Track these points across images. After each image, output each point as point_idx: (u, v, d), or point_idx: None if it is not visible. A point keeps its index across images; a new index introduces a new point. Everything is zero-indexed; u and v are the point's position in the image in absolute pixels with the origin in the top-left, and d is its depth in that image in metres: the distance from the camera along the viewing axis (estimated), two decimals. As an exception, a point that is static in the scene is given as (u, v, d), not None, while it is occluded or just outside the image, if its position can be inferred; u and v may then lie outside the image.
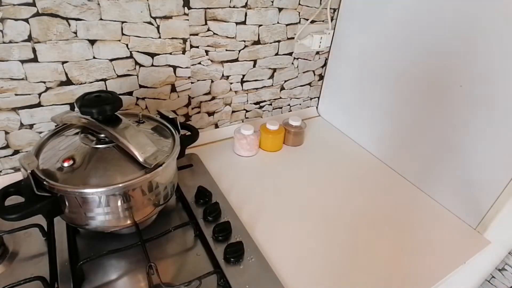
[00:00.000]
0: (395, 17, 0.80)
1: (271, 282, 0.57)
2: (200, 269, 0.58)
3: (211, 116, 0.94)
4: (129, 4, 0.66)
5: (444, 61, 0.71)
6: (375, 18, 0.86)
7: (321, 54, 1.04)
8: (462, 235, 0.72)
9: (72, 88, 0.69)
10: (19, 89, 0.64)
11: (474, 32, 0.65)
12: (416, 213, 0.77)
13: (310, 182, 0.84)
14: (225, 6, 0.78)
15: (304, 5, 0.90)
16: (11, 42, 0.59)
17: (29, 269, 0.56)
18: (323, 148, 0.97)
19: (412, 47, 0.77)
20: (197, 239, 0.64)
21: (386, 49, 0.84)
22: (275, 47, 0.92)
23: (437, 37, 0.72)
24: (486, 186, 0.69)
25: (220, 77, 0.88)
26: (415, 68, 0.78)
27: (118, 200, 0.53)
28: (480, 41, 0.64)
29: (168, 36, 0.74)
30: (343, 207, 0.76)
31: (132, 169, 0.53)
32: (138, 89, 0.77)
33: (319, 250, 0.65)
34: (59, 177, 0.51)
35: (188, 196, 0.73)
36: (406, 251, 0.67)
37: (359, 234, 0.70)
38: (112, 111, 0.55)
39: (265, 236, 0.67)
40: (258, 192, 0.79)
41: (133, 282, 0.56)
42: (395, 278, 0.61)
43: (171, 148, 0.60)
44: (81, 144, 0.55)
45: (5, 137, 0.67)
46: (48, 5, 0.59)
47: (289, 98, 1.07)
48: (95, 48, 0.67)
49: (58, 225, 0.63)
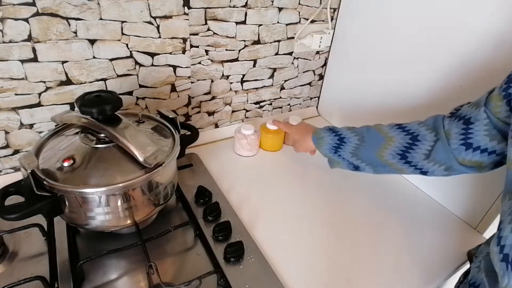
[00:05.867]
0: (395, 16, 0.80)
1: (271, 282, 0.57)
2: (200, 269, 0.58)
3: (211, 116, 0.94)
4: (129, 3, 0.66)
5: (444, 61, 0.71)
6: (375, 18, 0.86)
7: (321, 53, 1.04)
8: (462, 235, 0.72)
9: (72, 87, 0.68)
10: (19, 89, 0.64)
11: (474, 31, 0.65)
12: (416, 213, 0.77)
13: (310, 182, 0.84)
14: (225, 6, 0.78)
15: (304, 5, 0.90)
16: (11, 41, 0.59)
17: (29, 269, 0.56)
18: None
19: (412, 46, 0.77)
20: (197, 239, 0.64)
21: (386, 48, 0.84)
22: (275, 46, 0.92)
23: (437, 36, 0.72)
24: (486, 186, 0.69)
25: (220, 77, 0.88)
26: (415, 67, 0.78)
27: (118, 200, 0.53)
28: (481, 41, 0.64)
29: (168, 36, 0.73)
30: (343, 207, 0.76)
31: (132, 169, 0.53)
32: (138, 88, 0.76)
33: (319, 250, 0.65)
34: (59, 177, 0.51)
35: (188, 195, 0.73)
36: (406, 250, 0.67)
37: (359, 234, 0.70)
38: (112, 110, 0.55)
39: (265, 236, 0.67)
40: (258, 191, 0.79)
41: (133, 282, 0.56)
42: (395, 278, 0.61)
43: (171, 148, 0.60)
44: (81, 144, 0.55)
45: (5, 136, 0.67)
46: (48, 5, 0.59)
47: (289, 97, 1.07)
48: (95, 48, 0.67)
49: (58, 225, 0.63)
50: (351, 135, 0.64)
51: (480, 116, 0.47)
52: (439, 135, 0.53)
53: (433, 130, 0.55)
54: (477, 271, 0.50)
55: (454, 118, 0.52)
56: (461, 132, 0.50)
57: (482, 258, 0.51)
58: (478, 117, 0.48)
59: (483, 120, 0.47)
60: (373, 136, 0.61)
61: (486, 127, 0.47)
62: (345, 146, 0.64)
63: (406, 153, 0.57)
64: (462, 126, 0.50)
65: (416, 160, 0.56)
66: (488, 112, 0.46)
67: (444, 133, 0.52)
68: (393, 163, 0.59)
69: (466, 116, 0.50)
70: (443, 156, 0.53)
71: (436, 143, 0.54)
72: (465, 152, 0.50)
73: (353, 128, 0.66)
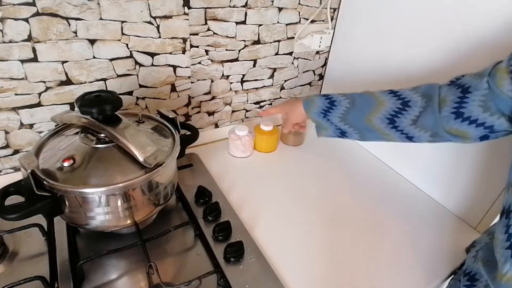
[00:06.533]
0: (395, 16, 0.80)
1: (271, 282, 0.57)
2: (200, 269, 0.58)
3: (211, 116, 0.94)
4: (129, 3, 0.66)
5: (444, 60, 0.71)
6: (375, 18, 0.86)
7: (321, 53, 1.04)
8: (462, 235, 0.72)
9: (72, 87, 0.68)
10: (19, 89, 0.64)
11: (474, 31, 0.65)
12: (416, 212, 0.77)
13: (310, 181, 0.84)
14: (225, 6, 0.78)
15: (304, 5, 0.90)
16: (11, 41, 0.59)
17: (29, 269, 0.56)
18: (323, 147, 0.97)
19: (412, 46, 0.77)
20: (197, 239, 0.64)
21: (386, 48, 0.84)
22: (275, 46, 0.92)
23: (437, 37, 0.72)
24: (486, 186, 0.69)
25: (220, 77, 0.88)
26: (414, 67, 0.78)
27: (118, 199, 0.53)
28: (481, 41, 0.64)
29: (168, 36, 0.73)
30: (343, 207, 0.76)
31: (132, 169, 0.53)
32: (138, 88, 0.76)
33: (319, 249, 0.65)
34: (59, 177, 0.51)
35: (188, 195, 0.73)
36: (406, 250, 0.67)
37: (359, 234, 0.70)
38: (112, 110, 0.55)
39: (265, 236, 0.67)
40: (258, 192, 0.79)
41: (133, 282, 0.56)
42: (395, 277, 0.61)
43: (171, 148, 0.60)
44: (81, 144, 0.55)
45: (5, 136, 0.67)
46: (48, 5, 0.59)
47: (289, 97, 1.07)
48: (95, 48, 0.67)
49: (58, 224, 0.63)
50: (342, 98, 0.65)
51: (481, 86, 0.47)
52: (430, 101, 0.53)
53: (425, 96, 0.54)
54: (473, 260, 0.50)
55: (453, 86, 0.51)
56: (456, 101, 0.50)
57: (480, 248, 0.50)
58: (479, 87, 0.47)
59: (482, 90, 0.47)
60: (364, 100, 0.62)
61: (483, 98, 0.47)
62: (334, 110, 0.65)
63: (394, 118, 0.57)
64: (459, 95, 0.50)
65: (403, 125, 0.56)
66: (490, 82, 0.46)
67: (438, 100, 0.52)
68: (380, 128, 0.60)
69: (465, 85, 0.49)
70: (431, 122, 0.53)
71: (425, 109, 0.53)
72: (453, 121, 0.50)
73: (345, 94, 0.66)
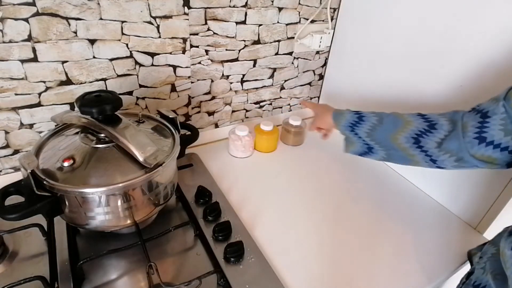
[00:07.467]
0: (395, 16, 0.80)
1: (271, 282, 0.57)
2: (200, 269, 0.58)
3: (211, 116, 0.94)
4: (129, 3, 0.66)
5: (446, 59, 0.71)
6: (375, 18, 0.86)
7: (321, 53, 1.04)
8: (462, 235, 0.72)
9: (72, 87, 0.68)
10: (19, 89, 0.64)
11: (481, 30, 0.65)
12: (417, 213, 0.77)
13: (310, 181, 0.84)
14: (225, 6, 0.78)
15: (304, 5, 0.89)
16: (11, 41, 0.59)
17: (29, 269, 0.56)
18: (323, 147, 0.97)
19: (413, 46, 0.77)
20: (197, 239, 0.64)
21: (386, 48, 0.84)
22: (275, 46, 0.92)
23: (437, 37, 0.72)
24: (486, 186, 0.69)
25: (220, 77, 0.88)
26: (414, 67, 0.78)
27: (118, 199, 0.53)
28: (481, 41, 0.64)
29: (168, 36, 0.73)
30: (344, 207, 0.76)
31: (132, 169, 0.53)
32: (138, 88, 0.76)
33: (319, 249, 0.65)
34: (59, 177, 0.51)
35: (188, 195, 0.73)
36: (406, 250, 0.67)
37: (359, 234, 0.70)
38: (112, 110, 0.55)
39: (265, 235, 0.67)
40: (258, 192, 0.79)
41: (133, 282, 0.56)
42: (395, 277, 0.61)
43: (171, 148, 0.60)
44: (81, 144, 0.55)
45: (5, 136, 0.67)
46: (48, 5, 0.59)
47: (289, 97, 1.07)
48: (95, 48, 0.67)
49: (58, 224, 0.63)
50: (371, 115, 0.66)
51: (498, 110, 0.48)
52: (455, 126, 0.54)
53: (451, 121, 0.55)
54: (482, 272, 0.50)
55: (473, 112, 0.52)
56: (477, 126, 0.50)
57: (487, 260, 0.50)
58: (496, 111, 0.48)
59: (500, 114, 0.47)
60: (392, 119, 0.63)
61: (502, 122, 0.47)
62: (362, 125, 0.66)
63: (420, 138, 0.57)
64: (479, 120, 0.50)
65: (428, 146, 0.57)
66: (507, 106, 0.47)
67: (461, 126, 0.53)
68: (406, 148, 0.60)
69: (483, 110, 0.50)
70: (455, 146, 0.53)
71: (450, 133, 0.54)
72: (477, 146, 0.50)
73: (374, 112, 0.68)
